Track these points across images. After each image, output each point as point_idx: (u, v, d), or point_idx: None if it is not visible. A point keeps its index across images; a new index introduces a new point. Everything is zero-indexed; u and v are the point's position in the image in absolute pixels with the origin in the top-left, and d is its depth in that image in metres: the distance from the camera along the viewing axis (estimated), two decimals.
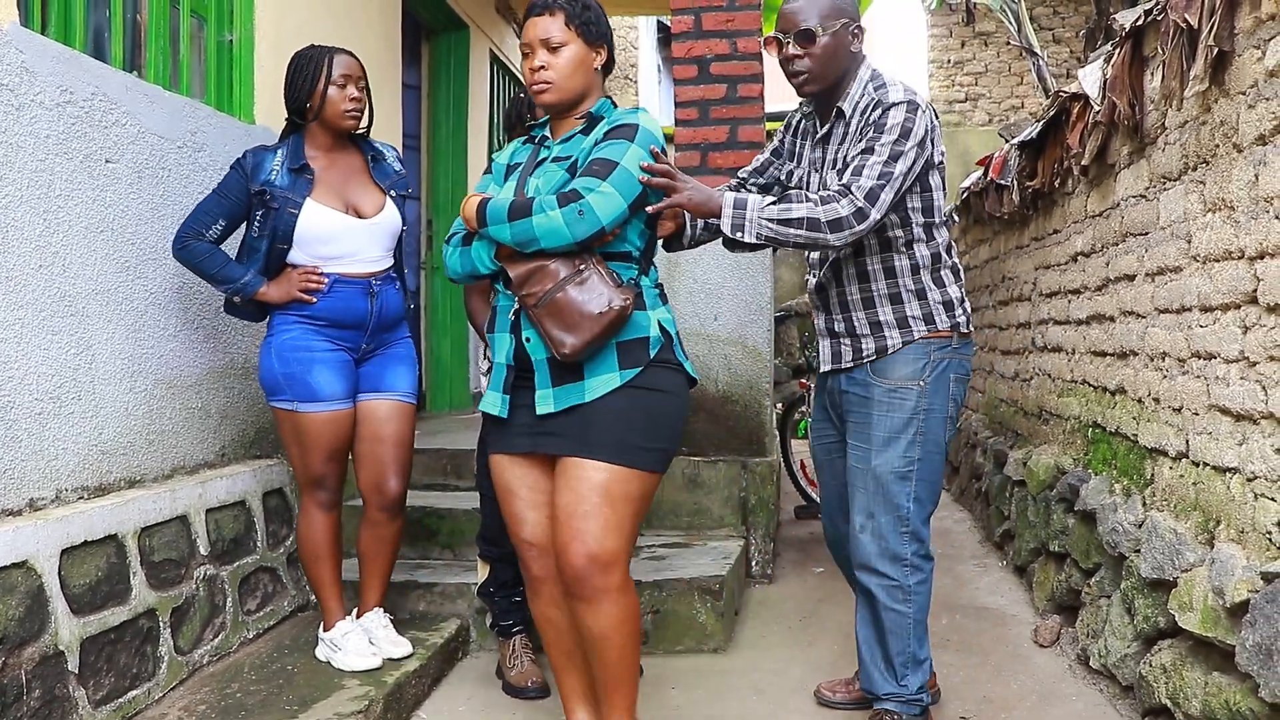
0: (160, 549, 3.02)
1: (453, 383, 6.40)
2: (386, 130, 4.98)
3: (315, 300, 3.06)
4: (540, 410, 2.40)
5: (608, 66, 2.53)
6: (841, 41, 2.66)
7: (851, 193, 2.49)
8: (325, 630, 3.20)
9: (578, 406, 2.38)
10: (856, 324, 2.77)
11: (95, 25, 3.16)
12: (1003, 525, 4.86)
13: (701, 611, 3.58)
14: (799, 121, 2.93)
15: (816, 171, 2.79)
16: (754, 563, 4.30)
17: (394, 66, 5.17)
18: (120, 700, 2.74)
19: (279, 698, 2.88)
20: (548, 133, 2.58)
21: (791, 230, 2.49)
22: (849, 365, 2.78)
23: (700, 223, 2.74)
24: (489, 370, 3.23)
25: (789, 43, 2.65)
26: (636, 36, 11.68)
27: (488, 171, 2.63)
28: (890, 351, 2.72)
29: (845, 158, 2.63)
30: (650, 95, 12.57)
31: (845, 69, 2.69)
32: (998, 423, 5.68)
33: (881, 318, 2.73)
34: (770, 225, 2.50)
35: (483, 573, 3.38)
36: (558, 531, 2.37)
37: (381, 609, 3.29)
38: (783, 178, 2.98)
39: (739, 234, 2.52)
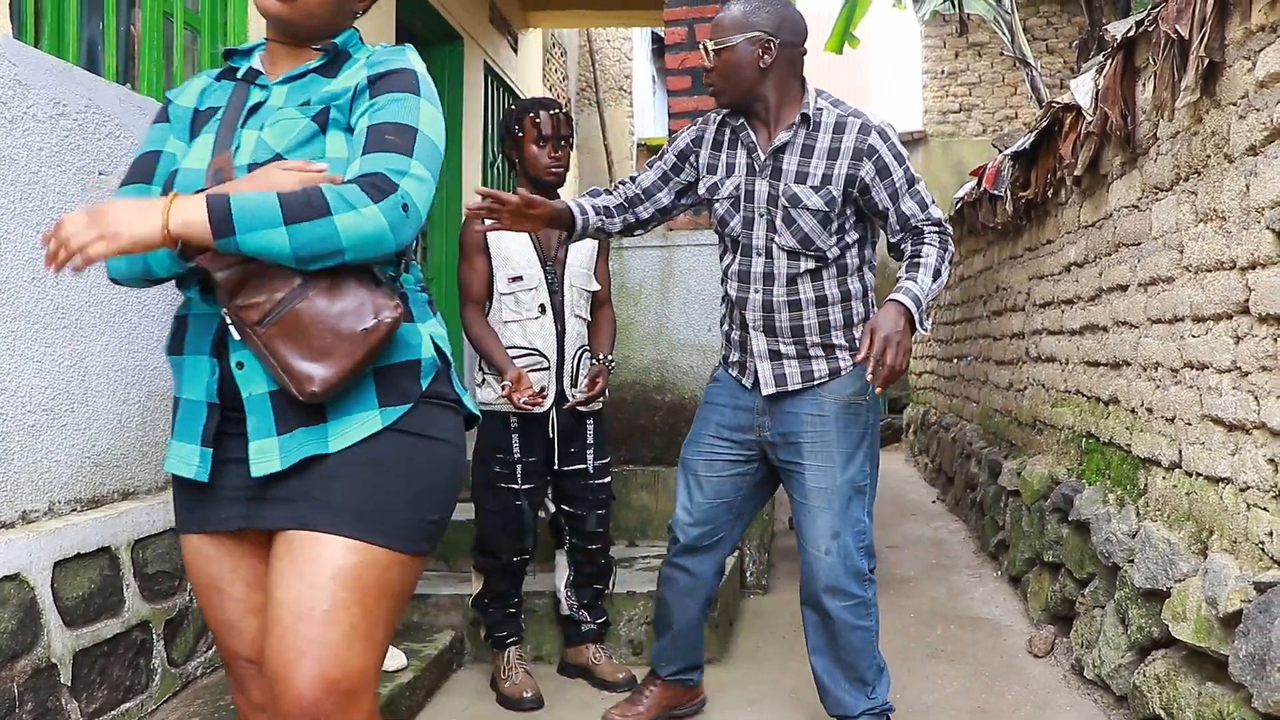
0: (154, 561, 3.01)
1: None
2: None
3: None
4: (258, 469, 1.62)
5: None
6: (745, 54, 2.61)
7: (943, 226, 2.66)
8: None
9: (315, 460, 1.63)
10: (810, 348, 2.71)
11: (89, 38, 3.16)
12: (997, 535, 4.86)
13: None
14: (721, 134, 2.80)
15: (765, 178, 2.68)
16: (748, 573, 4.30)
17: None
18: (113, 713, 2.73)
19: None
20: (256, 64, 1.81)
21: (939, 288, 2.62)
22: (796, 388, 2.72)
23: (592, 218, 2.80)
24: (483, 382, 3.26)
25: (707, 53, 2.67)
26: (631, 48, 11.71)
27: (161, 120, 1.82)
28: (843, 373, 2.71)
29: (832, 175, 2.61)
30: (644, 106, 12.59)
31: (753, 82, 2.63)
32: (992, 433, 5.69)
33: (835, 341, 2.71)
34: (932, 301, 2.59)
35: (477, 584, 3.38)
36: (277, 643, 1.58)
37: None
38: (670, 196, 2.89)
39: (925, 326, 2.55)
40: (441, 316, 1.87)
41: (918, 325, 2.51)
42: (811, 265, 2.67)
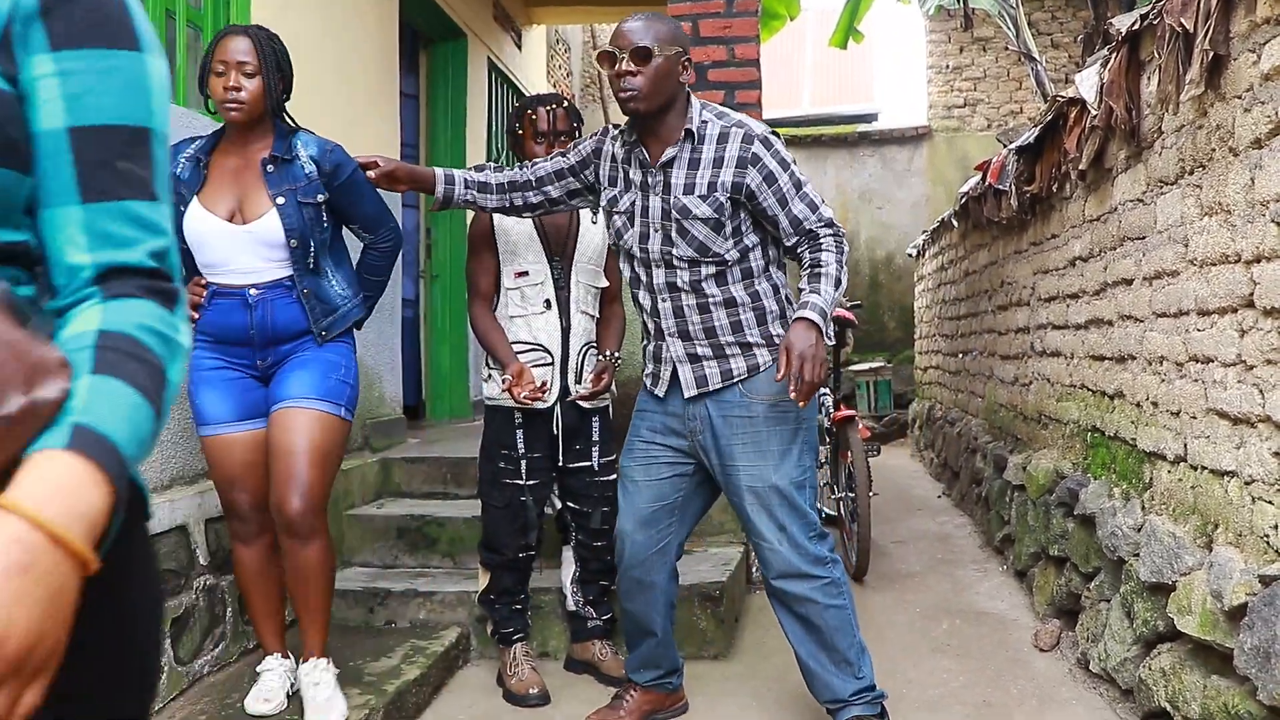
0: (160, 559, 3.02)
1: (452, 391, 6.39)
2: (384, 139, 4.99)
3: (198, 313, 2.80)
4: None
5: None
6: (673, 67, 2.65)
7: (836, 225, 2.72)
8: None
9: None
10: (725, 347, 2.74)
11: None
12: (1003, 530, 4.86)
13: (702, 618, 3.58)
14: (616, 148, 2.85)
15: (656, 194, 2.72)
16: (754, 569, 4.30)
17: (391, 76, 5.18)
18: None
19: None
20: None
21: (841, 293, 2.68)
22: (718, 387, 2.74)
23: (459, 190, 2.99)
24: (489, 377, 3.27)
25: (623, 59, 2.62)
26: None
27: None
28: (762, 369, 2.73)
29: (718, 183, 2.65)
30: None
31: (673, 95, 2.68)
32: (997, 427, 5.68)
33: (750, 339, 2.74)
34: (833, 305, 2.64)
35: (483, 580, 3.38)
36: None
37: (325, 660, 2.88)
38: (560, 192, 2.97)
39: (828, 334, 2.63)
40: None
41: (826, 336, 2.58)
42: (713, 270, 2.71)
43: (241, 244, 2.78)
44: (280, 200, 2.78)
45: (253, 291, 2.80)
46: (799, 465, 2.73)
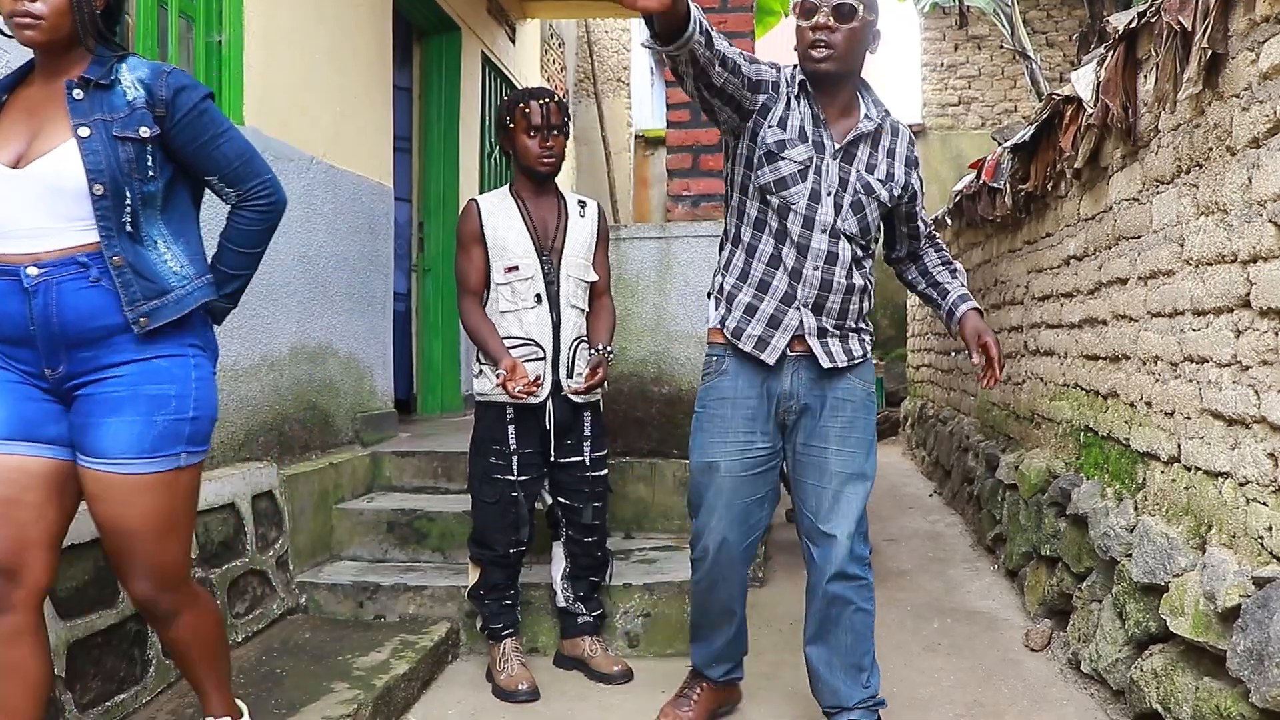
0: None
1: (444, 385, 6.38)
2: (377, 131, 4.97)
3: None
4: None
5: None
6: (868, 34, 2.62)
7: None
8: None
9: None
10: (848, 330, 2.75)
11: None
12: (994, 529, 4.86)
13: None
14: (788, 90, 2.64)
15: (837, 160, 2.62)
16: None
17: (385, 68, 5.15)
18: (107, 704, 2.72)
19: (267, 700, 2.86)
20: None
21: None
22: (844, 365, 2.72)
23: (698, 34, 2.32)
24: (480, 373, 3.25)
25: (825, 11, 2.51)
26: (629, 39, 11.68)
27: None
28: (868, 357, 2.82)
29: (895, 177, 2.72)
30: (643, 97, 12.57)
31: (860, 63, 2.66)
32: (989, 426, 5.68)
33: (863, 325, 2.81)
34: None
35: (473, 576, 3.37)
36: None
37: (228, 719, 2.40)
38: (727, 83, 2.52)
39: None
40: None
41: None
42: (859, 253, 2.73)
43: (21, 194, 2.03)
44: (84, 132, 2.05)
45: (31, 271, 2.02)
46: (873, 459, 2.78)
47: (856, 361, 2.76)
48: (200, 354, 2.23)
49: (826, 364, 2.69)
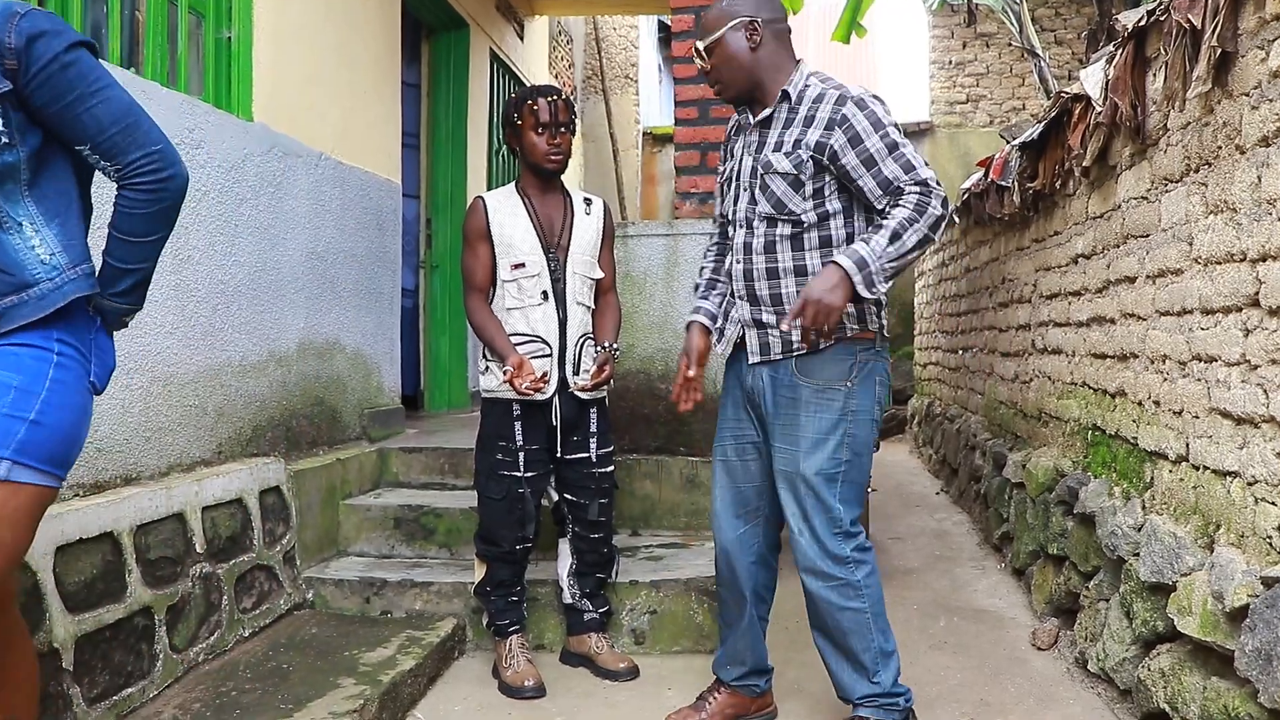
0: (156, 546, 3.00)
1: (451, 381, 6.38)
2: (385, 128, 4.97)
3: None
4: None
5: None
6: (737, 41, 2.66)
7: (929, 185, 2.53)
8: None
9: None
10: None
11: (93, 22, 3.15)
12: (1001, 527, 4.85)
13: (699, 612, 3.57)
14: (733, 133, 2.89)
15: (750, 154, 2.72)
16: None
17: (393, 65, 5.16)
18: (115, 698, 2.73)
19: (274, 696, 2.87)
20: None
21: (911, 255, 2.51)
22: (778, 357, 2.68)
23: (719, 317, 2.88)
24: (486, 369, 3.26)
25: (703, 60, 2.72)
26: (637, 36, 11.66)
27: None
28: (822, 349, 2.64)
29: (803, 141, 2.60)
30: (651, 94, 12.55)
31: (753, 67, 2.67)
32: (997, 425, 5.67)
33: None
34: (891, 265, 2.49)
35: (479, 572, 3.37)
36: None
37: None
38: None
39: (874, 291, 2.47)
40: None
41: (860, 288, 2.44)
42: (788, 231, 2.66)
43: None
44: None
45: None
46: (832, 458, 2.64)
47: (796, 353, 2.66)
48: (71, 355, 1.87)
49: (752, 358, 2.73)
